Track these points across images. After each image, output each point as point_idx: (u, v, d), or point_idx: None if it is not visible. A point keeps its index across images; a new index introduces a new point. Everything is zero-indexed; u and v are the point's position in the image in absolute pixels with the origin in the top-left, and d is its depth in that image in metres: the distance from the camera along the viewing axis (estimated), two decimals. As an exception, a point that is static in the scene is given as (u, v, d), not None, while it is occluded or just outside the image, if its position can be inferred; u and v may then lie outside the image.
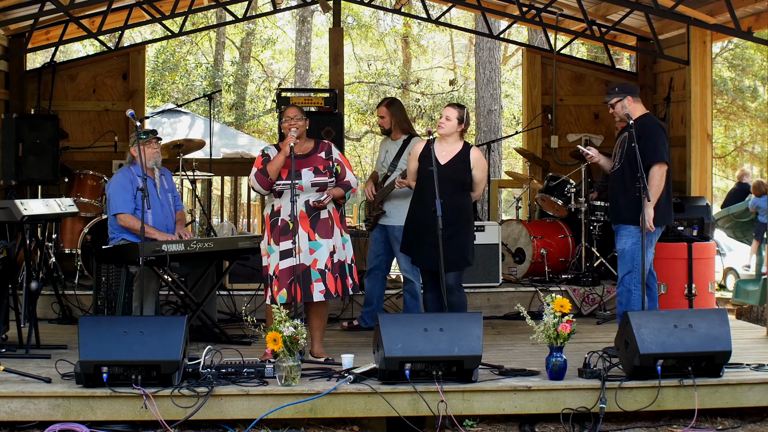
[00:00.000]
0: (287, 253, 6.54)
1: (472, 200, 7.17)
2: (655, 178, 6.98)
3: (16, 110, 10.04)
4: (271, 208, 6.74)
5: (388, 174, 8.00)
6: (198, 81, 24.56)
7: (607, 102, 7.25)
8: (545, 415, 5.94)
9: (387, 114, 8.11)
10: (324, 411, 5.75)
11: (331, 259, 6.61)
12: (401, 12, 14.91)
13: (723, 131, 24.46)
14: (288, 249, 6.53)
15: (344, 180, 6.80)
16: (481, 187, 7.15)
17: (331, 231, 6.66)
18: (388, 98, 8.59)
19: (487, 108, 17.05)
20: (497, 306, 9.05)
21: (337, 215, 6.77)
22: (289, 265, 6.53)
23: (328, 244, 6.63)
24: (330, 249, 6.63)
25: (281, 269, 6.56)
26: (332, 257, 6.63)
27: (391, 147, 8.08)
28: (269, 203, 6.79)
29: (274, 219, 6.68)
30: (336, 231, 6.70)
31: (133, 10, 10.41)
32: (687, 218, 9.03)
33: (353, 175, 6.90)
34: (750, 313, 10.76)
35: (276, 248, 6.60)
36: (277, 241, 6.60)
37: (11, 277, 6.96)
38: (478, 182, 7.07)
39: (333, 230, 6.68)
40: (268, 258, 6.65)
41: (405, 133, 8.10)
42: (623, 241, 7.10)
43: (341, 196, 6.78)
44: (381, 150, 8.28)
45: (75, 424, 5.58)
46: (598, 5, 10.71)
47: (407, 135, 8.08)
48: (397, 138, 8.10)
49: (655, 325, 5.95)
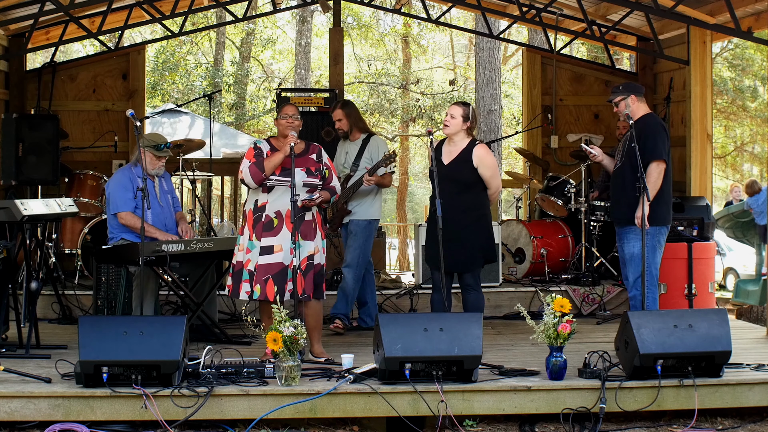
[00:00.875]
0: (268, 250, 6.53)
1: (485, 197, 7.06)
2: (652, 175, 6.98)
3: (16, 110, 10.04)
4: (255, 204, 6.68)
5: (350, 174, 8.08)
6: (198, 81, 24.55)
7: (612, 101, 7.25)
8: (545, 415, 5.94)
9: (343, 116, 8.17)
10: (324, 411, 5.75)
11: (308, 260, 6.60)
12: (401, 12, 14.92)
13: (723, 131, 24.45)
14: (269, 245, 6.52)
15: (330, 185, 6.83)
16: (494, 186, 7.06)
17: (313, 233, 6.67)
18: (341, 100, 8.66)
19: (487, 108, 17.05)
20: (497, 306, 9.06)
21: (319, 218, 6.78)
22: (267, 261, 6.52)
23: (309, 246, 6.62)
24: (310, 251, 6.63)
25: (260, 264, 6.54)
26: (311, 260, 6.62)
27: (351, 147, 8.15)
28: (252, 198, 6.74)
29: (257, 214, 6.65)
30: (318, 234, 6.71)
31: (133, 10, 10.41)
32: (687, 218, 9.04)
33: (338, 181, 6.97)
34: (750, 313, 10.76)
35: (257, 243, 6.58)
36: (259, 237, 6.58)
37: (11, 277, 6.96)
38: (487, 180, 7.00)
39: (315, 233, 6.69)
40: (246, 253, 6.62)
41: (363, 133, 8.21)
42: (631, 245, 7.07)
43: (327, 200, 6.81)
44: (340, 152, 8.33)
45: (75, 424, 5.58)
46: (598, 5, 10.71)
47: (366, 134, 8.19)
48: (356, 138, 8.18)
49: (655, 325, 5.95)
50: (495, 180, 7.08)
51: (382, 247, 10.34)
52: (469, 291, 7.07)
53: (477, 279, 7.09)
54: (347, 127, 8.18)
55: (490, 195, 7.11)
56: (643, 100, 7.27)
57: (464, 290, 7.12)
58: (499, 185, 7.20)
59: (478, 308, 6.96)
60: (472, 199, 6.99)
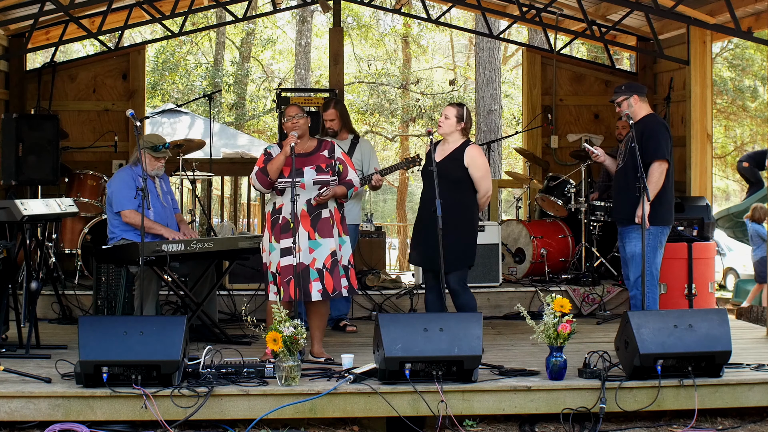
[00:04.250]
0: (287, 251, 6.54)
1: (473, 200, 6.99)
2: (654, 175, 6.98)
3: (16, 110, 10.04)
4: (273, 206, 6.73)
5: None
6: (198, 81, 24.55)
7: (614, 100, 7.25)
8: (545, 415, 5.95)
9: (336, 116, 8.16)
10: (324, 411, 5.75)
11: (331, 258, 6.61)
12: (401, 12, 14.92)
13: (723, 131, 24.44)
14: (288, 247, 6.53)
15: (347, 179, 6.78)
16: (483, 188, 6.97)
17: (331, 231, 6.65)
18: (334, 99, 8.63)
19: (487, 108, 17.04)
20: (497, 306, 9.06)
21: (338, 215, 6.76)
22: (288, 263, 6.53)
23: (329, 243, 6.62)
24: (330, 248, 6.63)
25: (282, 266, 6.56)
26: (333, 257, 6.62)
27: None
28: (271, 201, 6.80)
29: (275, 217, 6.68)
30: (335, 231, 6.69)
31: (133, 10, 10.41)
32: (687, 218, 9.04)
33: (355, 174, 6.88)
34: (750, 313, 10.76)
35: (277, 246, 6.60)
36: (278, 239, 6.60)
37: (11, 277, 6.96)
38: (476, 182, 6.94)
39: (333, 230, 6.67)
40: (269, 255, 6.66)
41: (350, 133, 8.22)
42: (633, 244, 7.08)
43: (343, 194, 6.76)
44: None
45: (75, 424, 5.58)
46: (598, 5, 10.71)
47: (352, 134, 8.21)
48: (344, 138, 8.16)
49: (655, 325, 5.96)
50: (485, 182, 6.98)
51: (382, 247, 10.33)
52: (456, 295, 6.95)
53: (462, 280, 6.98)
54: (338, 126, 8.17)
55: (479, 199, 7.01)
56: (646, 100, 7.28)
57: (451, 295, 6.98)
58: (490, 189, 7.04)
59: (470, 310, 6.92)
60: (461, 198, 6.92)
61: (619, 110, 7.26)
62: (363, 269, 9.63)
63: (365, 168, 8.12)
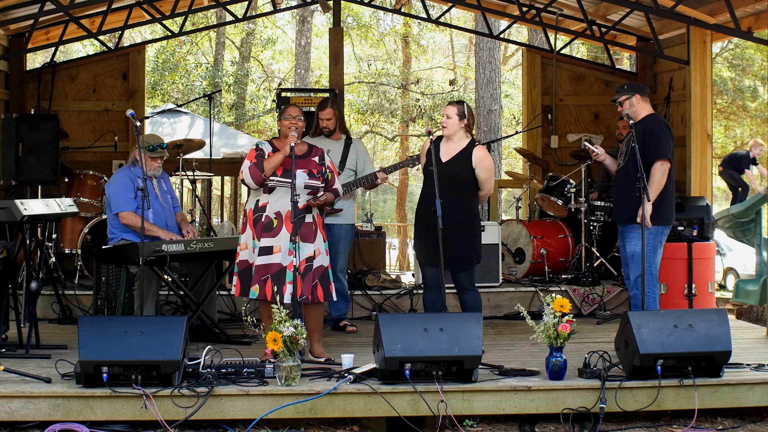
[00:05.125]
0: (267, 250, 6.52)
1: (477, 200, 7.11)
2: (656, 175, 6.99)
3: (16, 110, 10.04)
4: (255, 204, 6.68)
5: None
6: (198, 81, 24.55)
7: (616, 100, 7.25)
8: (545, 415, 5.94)
9: (334, 115, 8.14)
10: (324, 411, 5.75)
11: (306, 263, 6.59)
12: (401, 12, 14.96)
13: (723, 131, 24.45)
14: (268, 246, 6.51)
15: (333, 187, 6.82)
16: (487, 188, 7.09)
17: (313, 236, 6.65)
18: (331, 98, 8.60)
19: (487, 108, 17.05)
20: (497, 306, 9.05)
21: (320, 220, 6.76)
22: (267, 262, 6.51)
23: (307, 248, 6.60)
24: (309, 253, 6.61)
25: (257, 265, 6.54)
26: (309, 262, 6.60)
27: (333, 146, 7.99)
28: (253, 198, 6.73)
29: (257, 214, 6.64)
30: (318, 236, 6.69)
31: (133, 10, 10.41)
32: (687, 218, 9.03)
33: (339, 183, 6.96)
34: (750, 313, 10.75)
35: (258, 243, 6.58)
36: (258, 237, 6.58)
37: (11, 277, 6.96)
38: (482, 182, 7.03)
39: (315, 235, 6.67)
40: (252, 252, 6.61)
41: (344, 133, 8.19)
42: (633, 243, 7.08)
43: (331, 202, 6.81)
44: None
45: (75, 424, 5.58)
46: (598, 5, 10.72)
47: (345, 135, 8.19)
48: (338, 138, 8.14)
49: (655, 325, 5.96)
50: (489, 182, 7.11)
51: (382, 247, 10.33)
52: (465, 292, 7.06)
53: (471, 279, 7.09)
54: (334, 126, 8.14)
55: (481, 196, 7.14)
56: (648, 100, 7.28)
57: (460, 291, 7.12)
58: (492, 188, 7.20)
59: (476, 308, 6.97)
60: (467, 198, 7.01)
61: (620, 110, 7.26)
62: (363, 269, 9.64)
63: (360, 168, 8.11)
